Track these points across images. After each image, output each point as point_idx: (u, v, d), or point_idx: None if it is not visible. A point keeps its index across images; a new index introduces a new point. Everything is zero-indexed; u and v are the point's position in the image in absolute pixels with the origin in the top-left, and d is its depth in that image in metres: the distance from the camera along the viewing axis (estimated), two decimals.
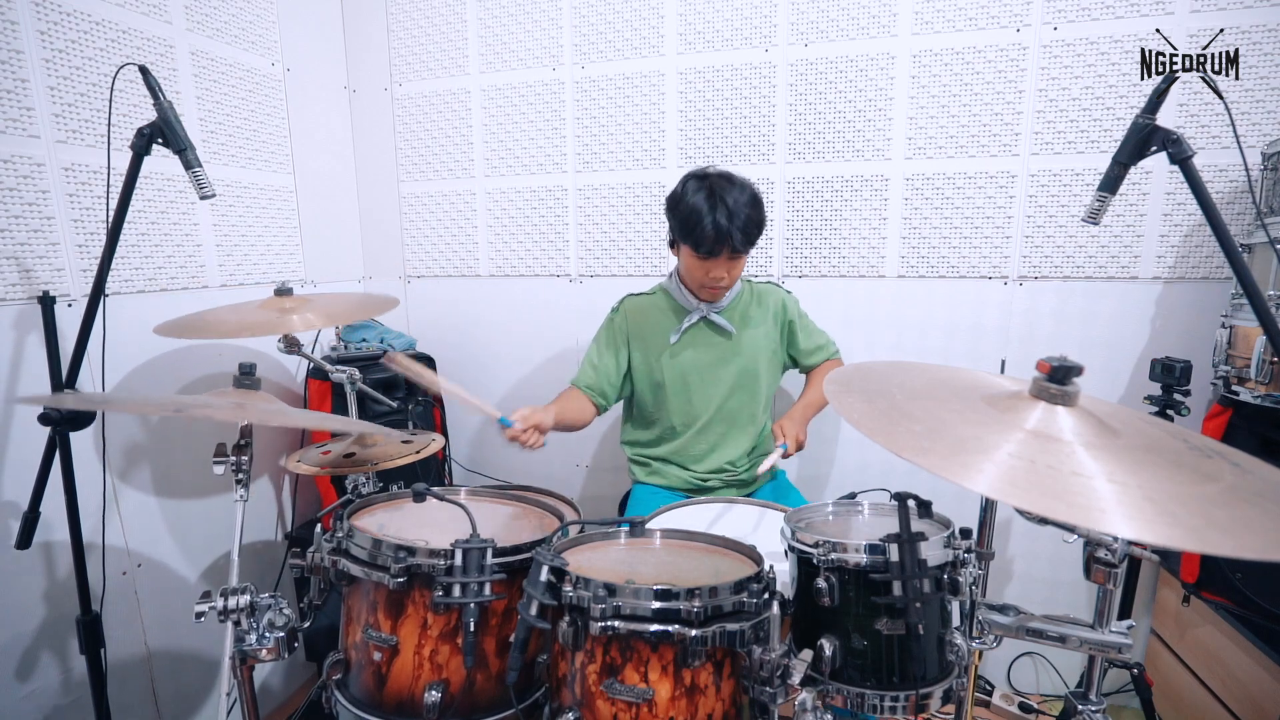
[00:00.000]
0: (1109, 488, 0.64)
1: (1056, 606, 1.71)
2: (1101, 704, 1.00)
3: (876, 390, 0.85)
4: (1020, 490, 0.63)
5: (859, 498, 1.19)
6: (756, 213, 1.52)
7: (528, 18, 2.14)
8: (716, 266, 1.55)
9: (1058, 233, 1.83)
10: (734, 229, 1.48)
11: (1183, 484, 0.66)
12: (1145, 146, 1.06)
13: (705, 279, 1.58)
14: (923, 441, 0.71)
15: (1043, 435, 0.72)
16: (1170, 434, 0.79)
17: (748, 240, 1.51)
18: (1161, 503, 0.62)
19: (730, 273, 1.57)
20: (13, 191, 1.35)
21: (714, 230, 1.48)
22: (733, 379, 1.68)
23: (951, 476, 0.63)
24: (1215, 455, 0.74)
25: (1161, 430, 0.80)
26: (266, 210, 1.98)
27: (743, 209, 1.49)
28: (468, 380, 2.38)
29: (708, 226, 1.48)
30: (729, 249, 1.50)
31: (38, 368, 1.35)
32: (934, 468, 0.65)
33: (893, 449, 0.68)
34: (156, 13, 1.64)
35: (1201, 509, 0.62)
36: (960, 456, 0.68)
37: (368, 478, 1.54)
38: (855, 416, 0.76)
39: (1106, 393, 1.85)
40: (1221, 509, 0.62)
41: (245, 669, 1.07)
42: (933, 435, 0.72)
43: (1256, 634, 1.43)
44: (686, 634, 0.87)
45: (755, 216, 1.51)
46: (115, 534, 1.54)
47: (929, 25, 1.83)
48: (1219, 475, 0.69)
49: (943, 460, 0.66)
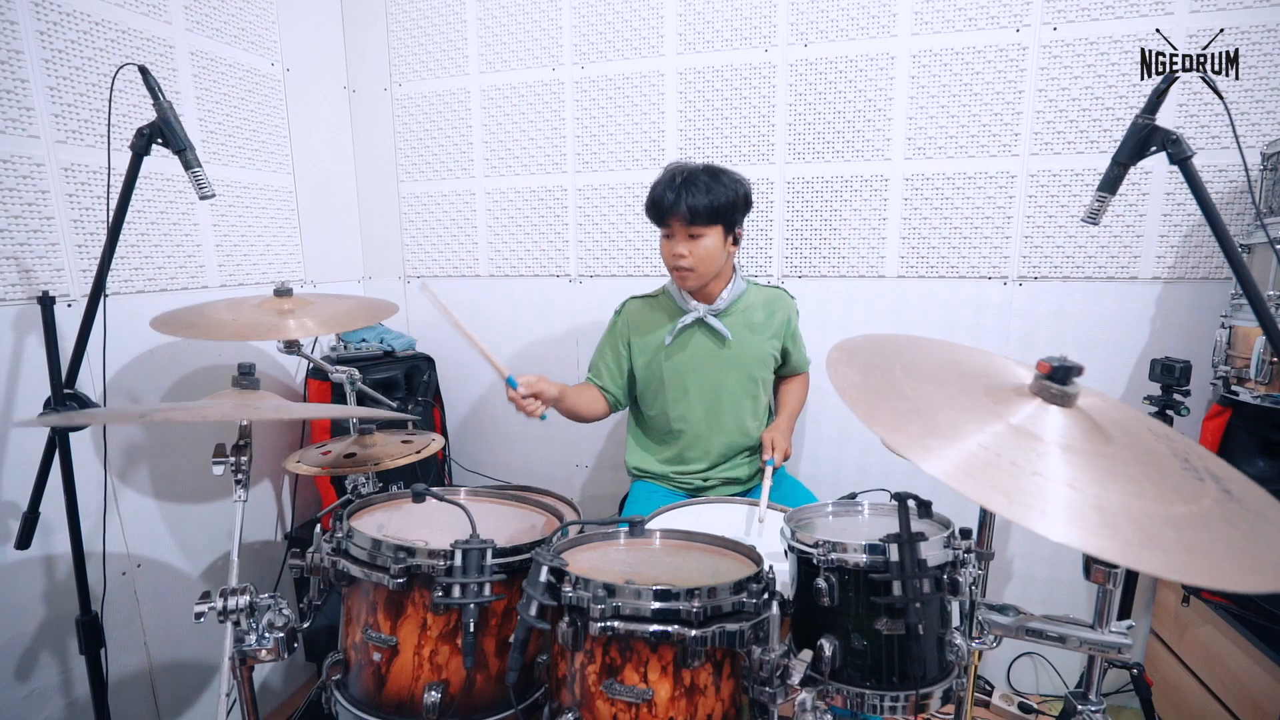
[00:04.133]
0: (1062, 492, 0.64)
1: (1056, 606, 1.72)
2: (1101, 704, 1.00)
3: (878, 365, 0.85)
4: (971, 480, 0.63)
5: (859, 498, 1.19)
6: (711, 183, 1.51)
7: (527, 18, 2.14)
8: (674, 242, 1.56)
9: (1057, 233, 1.83)
10: (682, 196, 1.50)
11: (1153, 501, 0.66)
12: (1145, 147, 1.06)
13: (669, 257, 1.59)
14: (899, 419, 0.71)
15: (1022, 432, 0.72)
16: (1171, 450, 0.78)
17: (693, 211, 1.51)
18: (1111, 514, 0.62)
19: (692, 251, 1.55)
20: (12, 191, 1.35)
21: (660, 196, 1.54)
22: (732, 384, 1.67)
23: (911, 456, 0.64)
24: (1209, 479, 0.73)
25: (1164, 444, 0.79)
26: (266, 210, 1.97)
27: (698, 179, 1.51)
28: (467, 380, 2.38)
29: (657, 193, 1.55)
30: (677, 218, 1.52)
31: (37, 368, 1.35)
32: (896, 445, 0.66)
33: (866, 420, 0.69)
34: (156, 13, 1.64)
35: (1154, 527, 0.62)
36: (927, 439, 0.68)
37: (367, 478, 1.54)
38: (844, 386, 0.76)
39: (1106, 393, 1.84)
40: (1177, 531, 0.62)
41: (245, 669, 1.07)
42: (913, 415, 0.73)
43: (1256, 634, 1.43)
44: (686, 634, 0.86)
45: (708, 185, 1.51)
46: (115, 534, 1.54)
47: (929, 25, 1.83)
48: (1199, 498, 0.68)
49: (909, 440, 0.67)
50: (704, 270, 1.58)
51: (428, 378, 2.17)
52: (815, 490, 2.09)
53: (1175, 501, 0.67)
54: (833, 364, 0.83)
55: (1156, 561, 0.58)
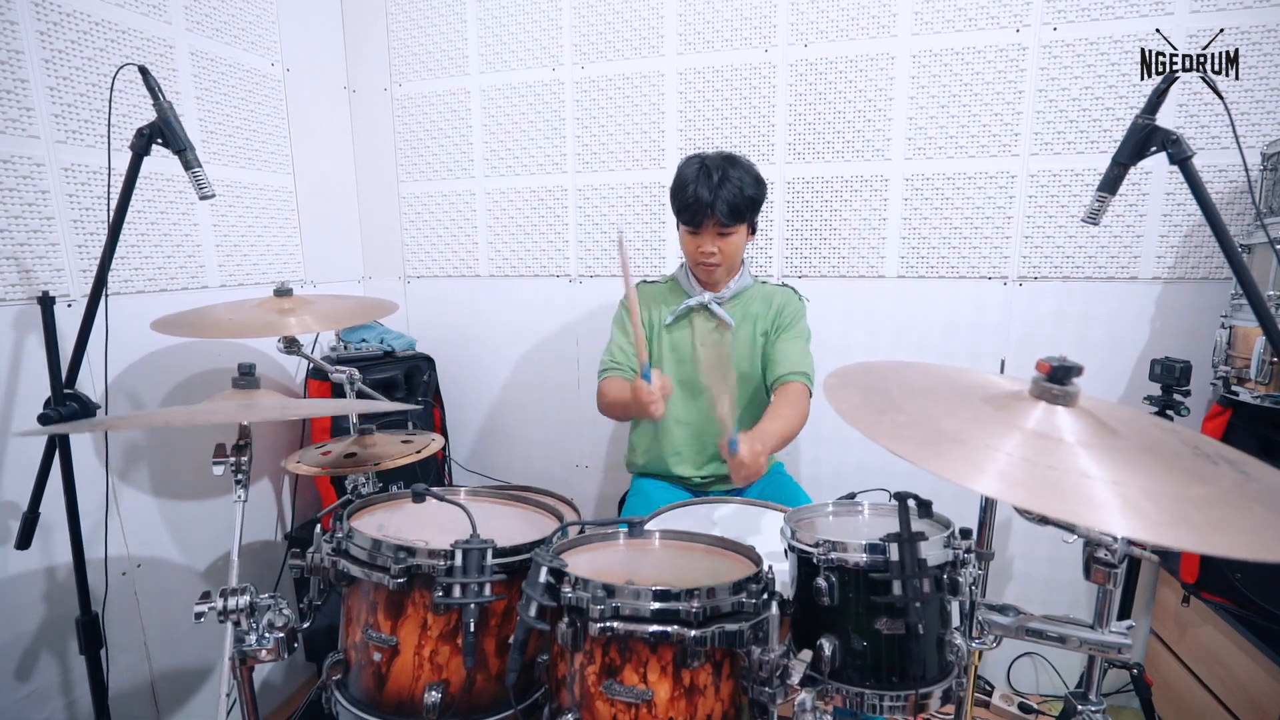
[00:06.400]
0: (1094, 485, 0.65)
1: (1056, 606, 1.72)
2: (1101, 704, 1.00)
3: (874, 386, 0.86)
4: (1026, 492, 0.63)
5: (859, 498, 1.19)
6: (747, 184, 1.50)
7: (527, 18, 2.14)
8: (705, 240, 1.55)
9: (1057, 233, 1.83)
10: (719, 198, 1.48)
11: (1174, 484, 0.66)
12: (1145, 147, 1.06)
13: (696, 254, 1.58)
14: (902, 430, 0.71)
15: (1041, 435, 0.72)
16: (1180, 440, 0.79)
17: (733, 212, 1.50)
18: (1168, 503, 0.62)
19: (722, 249, 1.55)
20: (12, 192, 1.35)
21: (695, 198, 1.50)
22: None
23: (955, 477, 0.64)
24: (1223, 463, 0.73)
25: (1171, 436, 0.80)
26: (266, 210, 1.97)
27: (732, 180, 1.49)
28: (467, 380, 2.38)
29: (690, 194, 1.51)
30: (714, 220, 1.50)
31: (37, 368, 1.35)
32: (902, 453, 0.66)
33: (870, 435, 0.69)
34: (156, 13, 1.64)
35: (1180, 508, 0.62)
36: (934, 446, 0.69)
37: (367, 478, 1.54)
38: (845, 407, 0.76)
39: (1106, 393, 1.85)
40: (1204, 510, 0.63)
41: (245, 669, 1.07)
42: (914, 425, 0.73)
43: (1256, 634, 1.43)
44: (685, 634, 0.86)
45: (744, 188, 1.50)
46: (115, 534, 1.54)
47: (929, 25, 1.83)
48: (1216, 479, 0.68)
49: (914, 448, 0.67)
50: (729, 265, 1.61)
51: (428, 378, 2.18)
52: (815, 490, 2.09)
53: (1192, 484, 0.67)
54: (831, 389, 0.84)
55: (1189, 538, 0.58)
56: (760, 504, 1.45)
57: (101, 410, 1.34)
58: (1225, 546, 0.57)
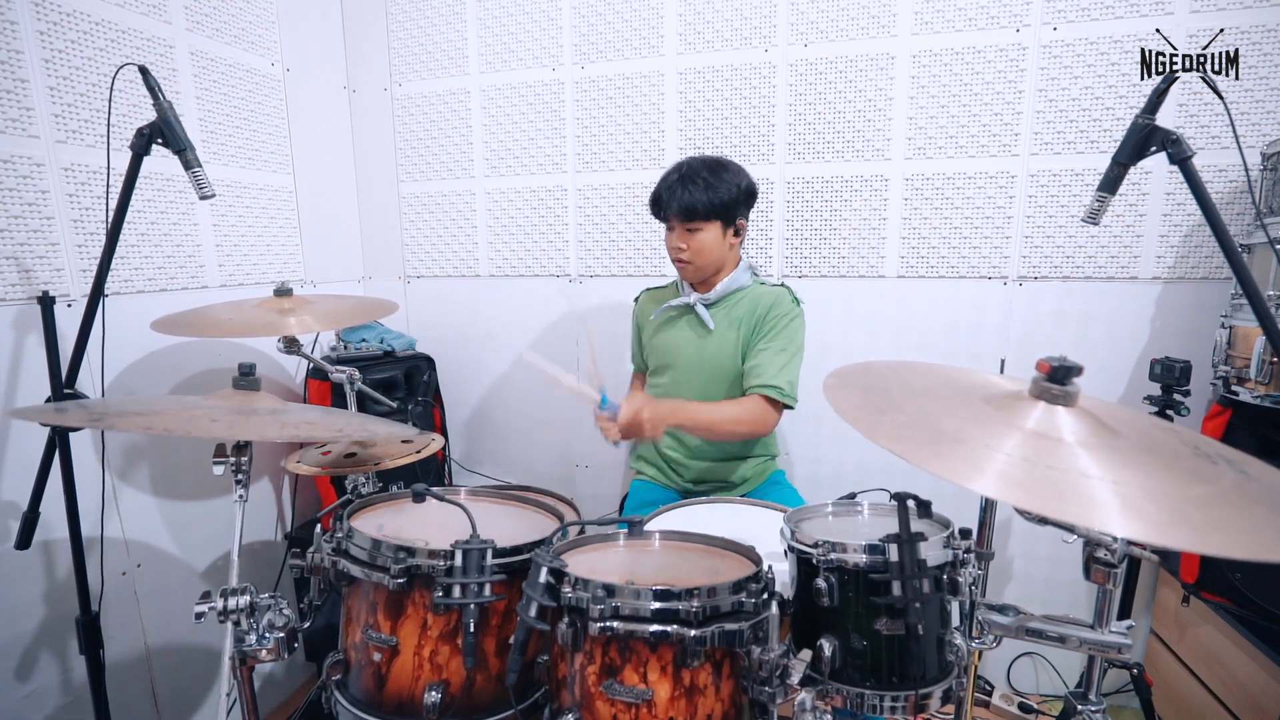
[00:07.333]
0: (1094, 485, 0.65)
1: (1056, 606, 1.72)
2: (1101, 704, 1.00)
3: (874, 386, 0.86)
4: (1025, 492, 0.63)
5: (859, 498, 1.19)
6: (711, 179, 1.52)
7: (527, 18, 2.14)
8: (675, 237, 1.59)
9: (1057, 233, 1.83)
10: (675, 196, 1.52)
11: (1174, 485, 0.66)
12: (1145, 147, 1.06)
13: (670, 250, 1.63)
14: (902, 430, 0.71)
15: (1041, 435, 0.72)
16: (1180, 440, 0.79)
17: (686, 210, 1.52)
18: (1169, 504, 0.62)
19: (690, 245, 1.57)
20: (12, 191, 1.35)
21: (657, 194, 1.58)
22: (705, 375, 1.65)
23: (955, 478, 0.64)
24: (1222, 463, 0.73)
25: (1171, 436, 0.80)
26: (266, 210, 1.97)
27: (697, 176, 1.52)
28: (467, 380, 2.38)
29: (657, 189, 1.58)
30: (675, 214, 1.54)
31: (37, 368, 1.35)
32: (901, 453, 0.66)
33: (870, 435, 0.69)
34: (156, 13, 1.64)
35: (1180, 508, 0.62)
36: (934, 445, 0.69)
37: (367, 478, 1.54)
38: (845, 407, 0.77)
39: (1106, 393, 1.85)
40: (1204, 510, 0.63)
41: (245, 669, 1.07)
42: (913, 425, 0.73)
43: (1256, 634, 1.43)
44: (685, 634, 0.87)
45: (706, 182, 1.51)
46: (115, 534, 1.54)
47: (929, 25, 1.83)
48: (1216, 479, 0.69)
49: (914, 447, 0.67)
50: (702, 263, 1.60)
51: (428, 378, 2.17)
52: (815, 490, 2.09)
53: (1192, 484, 0.67)
54: (831, 389, 0.85)
55: (1189, 538, 0.58)
56: (760, 504, 1.45)
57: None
58: (1225, 546, 0.57)
